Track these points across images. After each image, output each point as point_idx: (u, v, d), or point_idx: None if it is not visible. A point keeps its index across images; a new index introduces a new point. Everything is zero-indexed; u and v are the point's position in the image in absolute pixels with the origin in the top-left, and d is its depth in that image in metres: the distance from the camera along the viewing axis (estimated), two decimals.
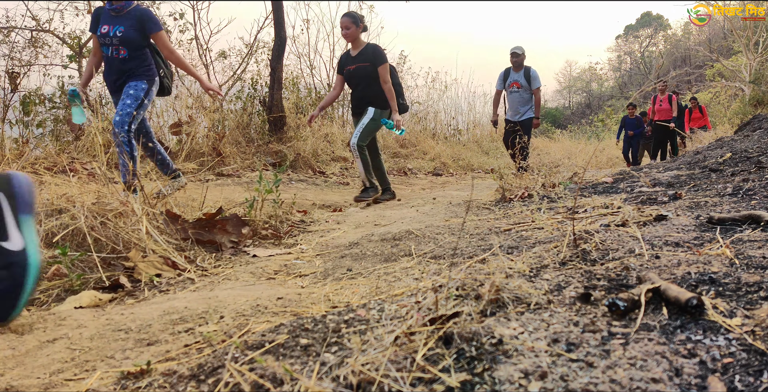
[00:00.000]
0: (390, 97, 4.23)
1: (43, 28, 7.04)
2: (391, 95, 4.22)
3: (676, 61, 32.32)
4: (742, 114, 13.68)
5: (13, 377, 1.05)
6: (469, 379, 0.74)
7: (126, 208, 2.20)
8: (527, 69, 6.16)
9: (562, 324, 0.90)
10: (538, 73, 6.17)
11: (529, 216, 2.36)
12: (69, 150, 5.63)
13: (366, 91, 4.31)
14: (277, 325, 1.04)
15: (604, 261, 1.32)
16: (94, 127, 5.58)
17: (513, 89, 6.18)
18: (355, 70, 4.32)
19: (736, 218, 1.59)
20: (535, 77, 6.12)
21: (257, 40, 8.87)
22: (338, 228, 2.91)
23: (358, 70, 4.31)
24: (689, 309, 0.90)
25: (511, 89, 6.21)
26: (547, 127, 22.39)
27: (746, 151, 3.44)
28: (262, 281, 1.84)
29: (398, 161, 8.76)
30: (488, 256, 1.60)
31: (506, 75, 6.29)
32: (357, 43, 4.33)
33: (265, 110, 7.24)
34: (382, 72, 4.23)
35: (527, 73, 6.14)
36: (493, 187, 5.23)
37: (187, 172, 5.68)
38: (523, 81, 6.12)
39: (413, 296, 1.15)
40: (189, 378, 0.89)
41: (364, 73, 4.28)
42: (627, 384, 0.69)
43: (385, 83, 4.22)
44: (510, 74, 6.24)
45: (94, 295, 1.65)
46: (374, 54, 4.26)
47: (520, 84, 6.13)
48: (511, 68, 6.26)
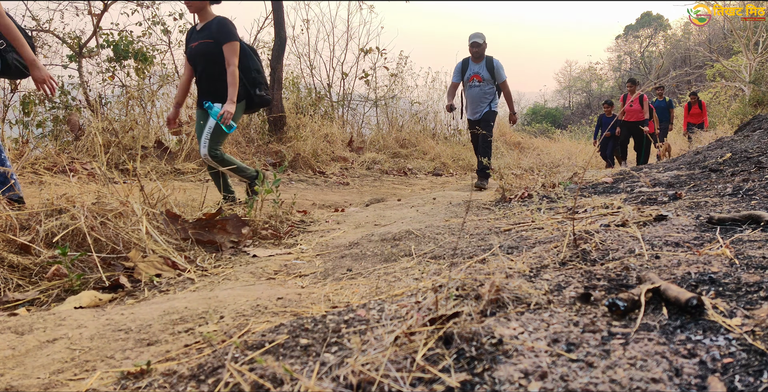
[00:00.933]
0: (231, 82, 3.26)
1: (43, 28, 7.04)
2: (233, 81, 3.27)
3: (676, 61, 32.33)
4: (742, 114, 13.68)
5: (13, 377, 1.05)
6: (469, 379, 0.74)
7: (126, 208, 2.20)
8: (489, 59, 5.37)
9: (562, 324, 0.90)
10: (501, 64, 5.39)
11: (529, 217, 2.36)
12: (69, 150, 5.63)
13: (210, 77, 3.38)
14: (277, 325, 1.04)
15: (604, 261, 1.32)
16: (94, 127, 5.60)
17: (473, 83, 5.39)
18: (196, 48, 3.36)
19: (736, 218, 1.59)
20: (499, 68, 5.35)
21: (257, 40, 8.87)
22: (338, 228, 2.91)
23: (199, 48, 3.34)
24: (689, 309, 0.90)
25: (471, 83, 5.40)
26: (547, 127, 22.38)
27: (746, 151, 3.44)
28: (262, 281, 1.84)
29: (398, 161, 8.76)
30: (488, 256, 1.60)
31: (464, 67, 5.46)
32: (203, 14, 3.37)
33: (265, 110, 7.24)
34: (226, 51, 3.28)
35: (489, 64, 5.35)
36: (493, 187, 5.23)
37: (187, 172, 5.69)
38: (485, 73, 5.35)
39: (413, 296, 1.15)
40: (189, 378, 0.89)
41: (205, 52, 3.32)
42: (627, 384, 0.69)
43: (229, 66, 3.28)
44: (469, 66, 5.42)
45: (94, 295, 1.65)
46: (219, 28, 3.30)
47: (481, 77, 5.36)
48: (469, 59, 5.43)
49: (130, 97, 6.98)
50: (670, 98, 10.35)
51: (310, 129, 7.71)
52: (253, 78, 3.50)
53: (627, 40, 39.10)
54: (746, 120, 9.07)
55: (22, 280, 1.83)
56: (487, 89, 5.39)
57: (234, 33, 3.34)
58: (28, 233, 2.02)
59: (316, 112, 8.90)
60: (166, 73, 7.89)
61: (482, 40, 5.32)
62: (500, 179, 3.54)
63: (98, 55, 7.40)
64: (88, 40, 7.24)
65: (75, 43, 7.15)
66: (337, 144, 8.23)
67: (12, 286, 1.80)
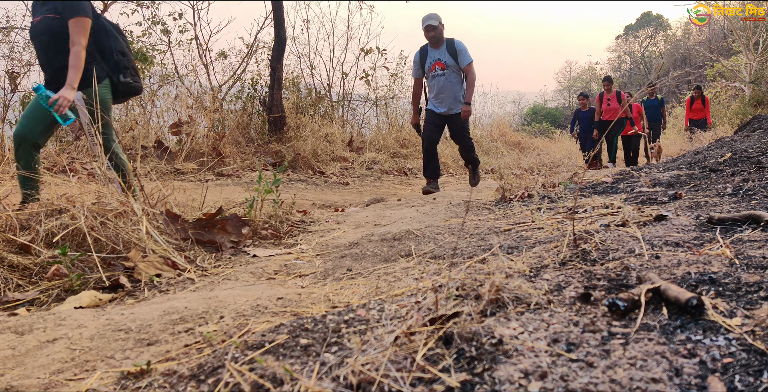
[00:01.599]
0: (74, 65, 2.69)
1: None
2: (76, 63, 2.69)
3: (676, 61, 32.31)
4: (742, 114, 13.69)
5: (13, 377, 1.05)
6: (469, 379, 0.74)
7: (126, 208, 2.20)
8: (450, 42, 4.67)
9: (562, 324, 0.90)
10: (465, 45, 4.70)
11: (529, 216, 2.36)
12: (69, 150, 5.63)
13: (55, 61, 2.79)
14: (277, 325, 1.04)
15: (604, 261, 1.32)
16: (94, 127, 5.59)
17: (436, 72, 4.71)
18: (38, 25, 2.79)
19: (736, 218, 1.59)
20: (462, 50, 4.64)
21: (257, 40, 8.87)
22: (338, 228, 2.91)
23: (41, 25, 2.77)
24: (689, 309, 0.90)
25: (434, 72, 4.72)
26: (547, 127, 22.33)
27: (746, 151, 3.44)
28: (262, 281, 1.84)
29: (398, 161, 8.75)
30: (488, 256, 1.60)
31: (423, 55, 4.76)
32: None
33: (265, 110, 7.25)
34: (72, 28, 2.70)
35: (451, 47, 4.65)
36: (493, 186, 5.23)
37: (187, 172, 5.69)
38: (448, 59, 4.66)
39: (413, 296, 1.15)
40: (189, 378, 0.89)
41: (48, 29, 2.75)
42: (627, 384, 0.69)
43: (73, 45, 2.69)
44: (428, 53, 4.73)
45: (94, 295, 1.65)
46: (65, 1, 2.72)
47: (444, 63, 4.66)
48: (428, 46, 4.74)
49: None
50: (662, 97, 9.93)
51: (310, 129, 7.71)
52: (116, 61, 2.93)
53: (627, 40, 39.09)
54: (746, 120, 9.07)
55: (22, 280, 1.83)
56: (454, 78, 4.72)
57: (83, 6, 2.75)
58: (28, 233, 2.02)
59: (316, 112, 8.89)
60: (166, 73, 7.89)
61: (437, 21, 4.63)
62: (500, 179, 3.54)
63: None
64: None
65: None
66: (337, 144, 8.23)
67: (12, 286, 1.80)
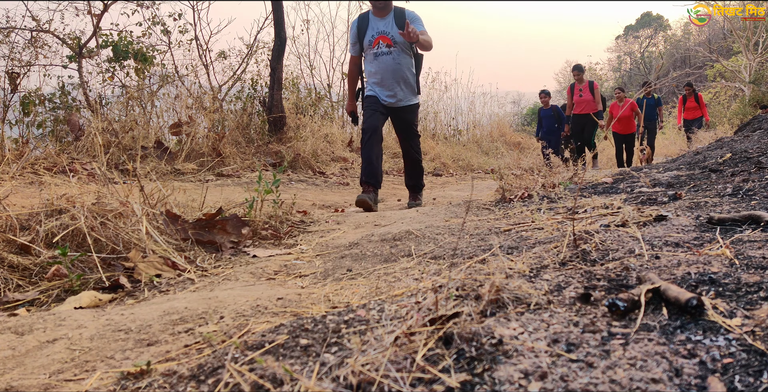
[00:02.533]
0: None
1: (43, 29, 7.04)
2: None
3: (676, 61, 32.32)
4: (741, 114, 13.69)
5: (13, 377, 1.05)
6: (469, 379, 0.74)
7: (126, 209, 2.20)
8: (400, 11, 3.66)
9: (562, 325, 0.90)
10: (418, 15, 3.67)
11: (529, 217, 2.36)
12: (69, 150, 5.63)
13: None
14: (277, 326, 1.04)
15: (604, 261, 1.32)
16: (94, 128, 5.59)
17: (380, 48, 3.63)
18: None
19: (736, 218, 1.59)
20: (415, 19, 3.60)
21: (257, 40, 8.86)
22: (338, 228, 2.91)
23: None
24: (689, 309, 0.90)
25: (377, 49, 3.65)
26: None
27: (746, 151, 3.44)
28: (262, 281, 1.84)
29: (398, 161, 8.75)
30: (488, 257, 1.60)
31: (362, 26, 3.68)
32: None
33: (265, 110, 7.24)
34: None
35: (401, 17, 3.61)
36: (493, 187, 5.23)
37: (187, 173, 5.69)
38: (397, 34, 3.58)
39: (413, 296, 1.15)
40: (189, 378, 0.89)
41: None
42: (627, 385, 0.69)
43: None
44: (370, 24, 3.64)
45: (94, 296, 1.65)
46: None
47: (391, 38, 3.59)
48: (369, 13, 3.69)
49: (130, 98, 6.98)
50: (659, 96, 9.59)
51: (310, 129, 7.71)
52: None
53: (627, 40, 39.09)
54: (746, 120, 9.06)
55: (22, 280, 1.83)
56: (402, 59, 3.66)
57: None
58: (28, 233, 2.02)
59: (316, 112, 8.89)
60: (166, 74, 7.89)
61: None
62: (500, 179, 3.54)
63: (98, 56, 7.40)
64: (87, 40, 7.24)
65: (75, 44, 7.15)
66: (337, 144, 8.23)
67: (12, 286, 1.80)
